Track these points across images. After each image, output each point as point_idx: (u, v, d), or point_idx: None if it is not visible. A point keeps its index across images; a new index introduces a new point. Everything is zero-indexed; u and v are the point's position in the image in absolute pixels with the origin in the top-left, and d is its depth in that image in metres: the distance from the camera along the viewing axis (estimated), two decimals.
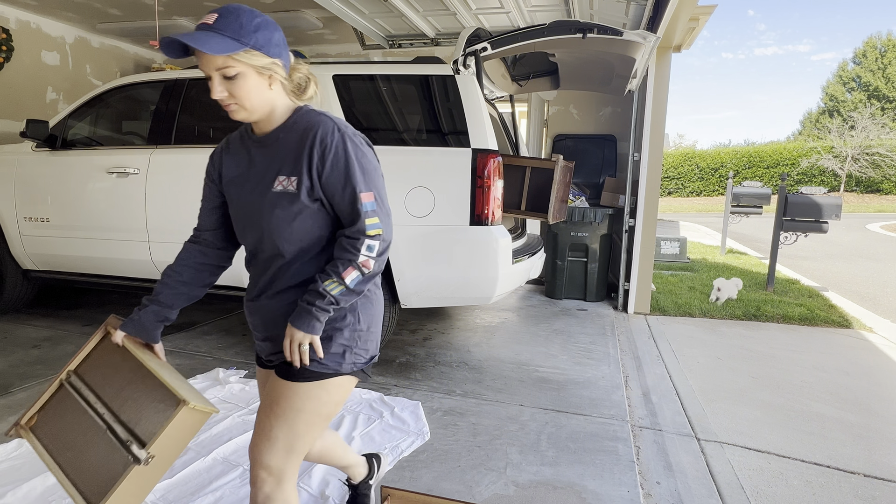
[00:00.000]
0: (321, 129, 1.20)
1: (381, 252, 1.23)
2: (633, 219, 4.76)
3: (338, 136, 1.20)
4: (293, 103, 1.27)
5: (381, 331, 1.40)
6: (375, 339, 1.36)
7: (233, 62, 1.13)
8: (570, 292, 5.16)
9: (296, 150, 1.21)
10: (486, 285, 3.02)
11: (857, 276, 7.41)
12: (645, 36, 2.98)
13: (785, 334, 4.34)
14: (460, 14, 3.90)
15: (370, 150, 1.27)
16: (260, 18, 1.16)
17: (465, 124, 2.99)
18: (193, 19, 5.38)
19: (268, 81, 1.19)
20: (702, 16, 4.57)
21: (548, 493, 2.01)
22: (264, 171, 1.25)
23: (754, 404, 2.95)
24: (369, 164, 1.23)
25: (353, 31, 4.70)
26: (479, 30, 3.37)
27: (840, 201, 5.74)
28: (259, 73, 1.17)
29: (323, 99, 3.17)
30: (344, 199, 1.21)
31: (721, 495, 2.07)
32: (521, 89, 4.49)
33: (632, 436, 2.50)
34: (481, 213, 2.95)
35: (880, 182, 22.35)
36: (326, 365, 1.26)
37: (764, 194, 8.12)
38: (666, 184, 24.58)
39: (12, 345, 3.50)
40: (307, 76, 1.27)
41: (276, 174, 1.22)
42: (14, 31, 5.24)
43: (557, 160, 3.21)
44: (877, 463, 2.38)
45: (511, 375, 3.19)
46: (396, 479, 2.08)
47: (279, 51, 1.18)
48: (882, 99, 27.66)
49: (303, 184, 1.20)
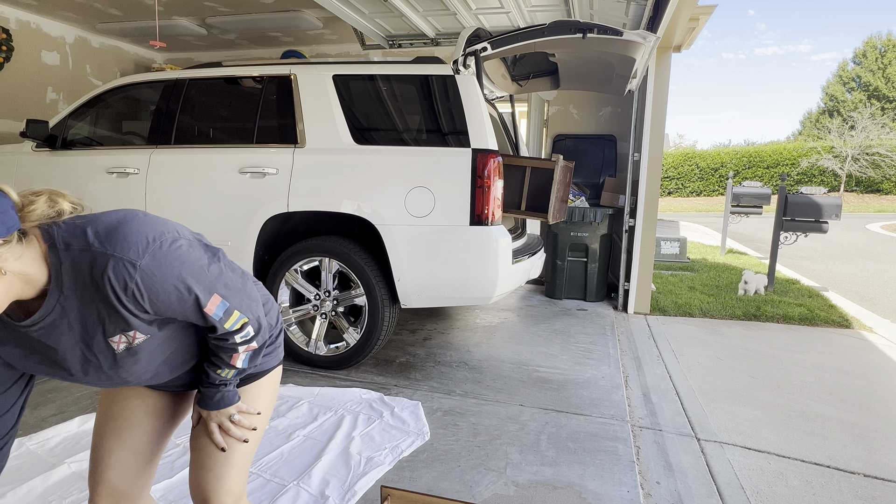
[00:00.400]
0: (112, 275, 0.91)
1: (258, 330, 1.12)
2: (633, 219, 4.76)
3: (136, 274, 0.92)
4: (42, 250, 0.92)
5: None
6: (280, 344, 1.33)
7: None
8: (570, 292, 5.16)
9: (105, 306, 0.95)
10: (486, 285, 3.02)
11: (857, 276, 7.41)
12: (645, 36, 2.98)
13: (785, 334, 4.34)
14: (460, 14, 3.90)
15: (179, 245, 0.98)
16: None
17: (465, 124, 2.99)
18: (193, 19, 5.38)
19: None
20: (702, 16, 4.57)
21: (548, 493, 2.01)
22: (74, 344, 0.99)
23: (754, 404, 2.95)
24: (191, 267, 0.98)
25: (353, 31, 4.70)
26: (479, 30, 3.37)
27: (840, 201, 5.74)
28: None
29: (323, 99, 3.17)
30: (190, 316, 1.03)
31: (721, 495, 2.07)
32: (521, 89, 4.49)
33: (632, 436, 2.50)
34: (481, 213, 2.95)
35: (880, 182, 22.35)
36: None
37: (764, 194, 8.12)
38: (666, 184, 24.58)
39: None
40: (36, 207, 0.94)
41: (106, 337, 0.99)
42: (14, 31, 5.24)
43: (557, 160, 3.21)
44: (877, 463, 2.38)
45: (511, 375, 3.19)
46: (396, 479, 2.08)
47: None
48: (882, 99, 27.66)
49: (142, 327, 1.01)
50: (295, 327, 3.28)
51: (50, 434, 2.31)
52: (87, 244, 0.92)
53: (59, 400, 2.70)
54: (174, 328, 1.08)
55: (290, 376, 3.11)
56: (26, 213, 0.92)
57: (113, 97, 3.68)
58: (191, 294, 0.98)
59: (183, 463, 2.11)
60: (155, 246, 0.94)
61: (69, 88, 5.85)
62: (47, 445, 2.22)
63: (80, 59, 5.94)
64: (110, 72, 6.30)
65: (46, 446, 2.22)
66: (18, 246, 0.88)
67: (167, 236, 0.97)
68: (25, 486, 1.93)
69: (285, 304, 3.27)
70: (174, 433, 2.37)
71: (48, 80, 5.64)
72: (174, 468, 2.08)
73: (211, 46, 6.37)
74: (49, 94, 5.66)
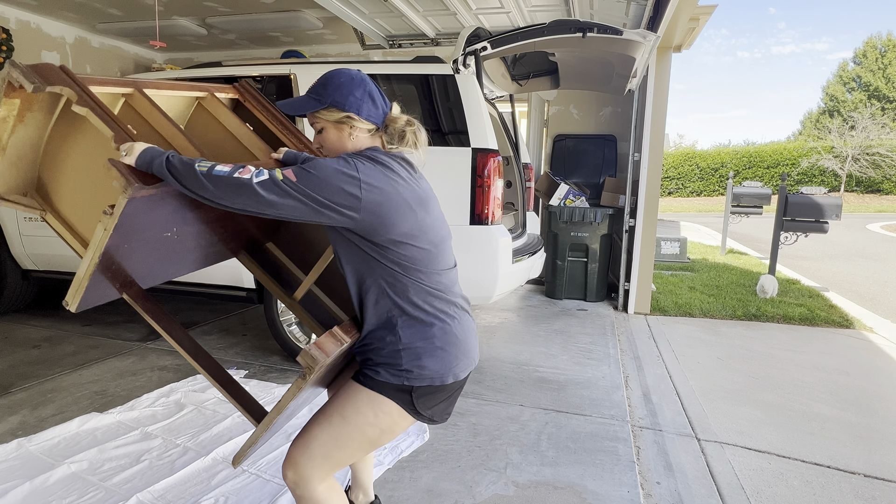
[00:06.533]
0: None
1: (229, 183, 1.20)
2: (633, 219, 4.76)
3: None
4: (374, 146, 1.37)
5: (446, 362, 1.31)
6: (425, 364, 1.29)
7: (315, 119, 1.36)
8: (571, 292, 5.15)
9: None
10: (486, 285, 3.02)
11: (857, 277, 7.41)
12: (645, 35, 2.98)
13: (785, 334, 4.34)
14: (460, 14, 3.90)
15: (347, 165, 1.23)
16: (344, 77, 1.33)
17: (465, 124, 2.99)
18: (193, 19, 5.38)
19: (348, 132, 1.34)
20: (702, 16, 4.58)
21: (548, 493, 2.01)
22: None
23: (754, 404, 2.95)
24: (324, 170, 1.21)
25: (353, 31, 4.69)
26: (479, 29, 3.37)
27: (840, 201, 5.73)
28: (336, 126, 1.34)
29: None
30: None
31: (721, 495, 2.07)
32: (521, 89, 4.49)
33: (632, 436, 2.50)
34: (481, 212, 2.95)
35: (880, 182, 22.34)
36: (367, 374, 1.33)
37: (764, 194, 8.11)
38: (666, 184, 24.57)
39: (12, 345, 3.50)
40: (403, 128, 1.36)
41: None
42: (14, 31, 5.23)
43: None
44: (877, 463, 2.38)
45: (511, 375, 3.19)
46: (396, 478, 2.08)
47: (357, 105, 1.32)
48: (882, 99, 27.63)
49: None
50: (295, 327, 3.28)
51: (50, 434, 2.31)
52: (364, 150, 1.37)
53: (59, 400, 2.70)
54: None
55: (290, 376, 3.10)
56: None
57: None
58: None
59: (183, 463, 2.11)
60: (356, 158, 1.30)
61: None
62: (47, 445, 2.22)
63: (80, 59, 5.94)
64: (110, 72, 6.30)
65: (46, 446, 2.22)
66: (376, 132, 1.39)
67: (358, 162, 1.31)
68: (26, 485, 1.92)
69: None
70: (176, 433, 2.37)
71: None
72: (174, 468, 2.08)
73: (211, 46, 6.37)
74: None
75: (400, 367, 1.29)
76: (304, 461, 1.31)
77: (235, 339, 3.77)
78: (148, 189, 1.25)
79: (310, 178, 1.20)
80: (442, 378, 1.31)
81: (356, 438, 1.32)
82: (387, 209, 1.23)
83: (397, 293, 1.29)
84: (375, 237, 1.25)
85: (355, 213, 1.21)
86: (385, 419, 1.32)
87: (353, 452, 1.34)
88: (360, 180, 1.21)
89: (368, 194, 1.21)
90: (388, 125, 1.37)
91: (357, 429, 1.31)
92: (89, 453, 2.16)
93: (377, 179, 1.24)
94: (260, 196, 1.19)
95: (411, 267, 1.28)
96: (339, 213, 1.21)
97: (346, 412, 1.32)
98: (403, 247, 1.27)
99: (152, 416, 2.53)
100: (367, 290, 1.31)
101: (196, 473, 2.05)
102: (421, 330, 1.29)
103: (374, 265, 1.28)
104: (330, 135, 1.36)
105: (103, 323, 4.04)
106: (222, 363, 3.27)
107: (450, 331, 1.32)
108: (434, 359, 1.30)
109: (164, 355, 3.38)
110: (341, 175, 1.21)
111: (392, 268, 1.28)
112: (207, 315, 4.35)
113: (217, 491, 1.94)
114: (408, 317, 1.29)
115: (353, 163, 1.23)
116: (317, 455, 1.31)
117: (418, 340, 1.29)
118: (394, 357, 1.29)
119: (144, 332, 3.83)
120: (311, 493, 1.31)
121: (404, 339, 1.28)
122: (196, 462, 2.12)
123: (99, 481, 1.98)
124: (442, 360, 1.30)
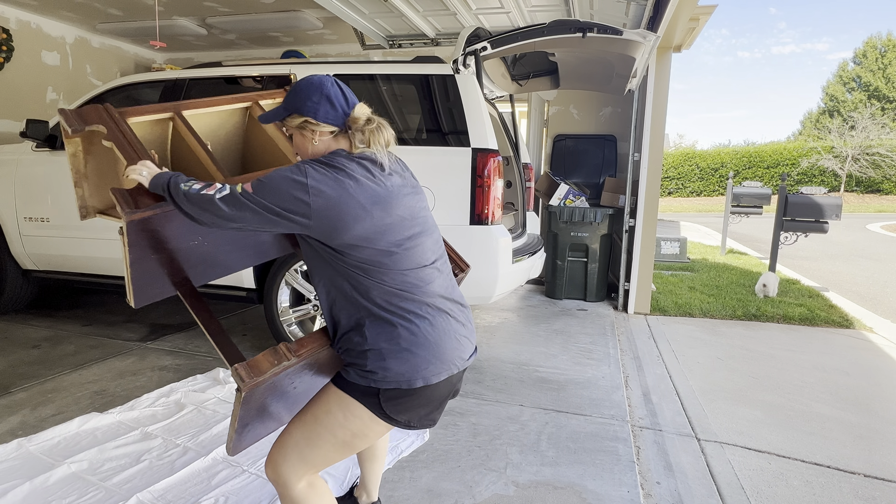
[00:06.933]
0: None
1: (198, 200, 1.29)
2: (633, 219, 4.76)
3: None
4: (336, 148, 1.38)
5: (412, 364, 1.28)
6: (389, 365, 1.27)
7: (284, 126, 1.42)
8: (571, 292, 5.15)
9: None
10: (485, 285, 3.02)
11: (857, 277, 7.41)
12: (645, 35, 2.98)
13: (785, 334, 4.34)
14: (460, 14, 3.90)
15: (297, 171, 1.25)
16: (303, 83, 1.37)
17: (465, 124, 2.99)
18: (193, 19, 5.38)
19: (310, 136, 1.36)
20: (702, 16, 4.57)
21: (548, 493, 2.01)
22: None
23: (754, 404, 2.95)
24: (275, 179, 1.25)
25: (353, 31, 4.70)
26: (479, 29, 3.37)
27: (840, 201, 5.74)
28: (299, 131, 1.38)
29: None
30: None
31: (721, 495, 2.07)
32: (521, 89, 4.48)
33: (632, 436, 2.50)
34: (481, 212, 2.95)
35: (880, 182, 22.33)
36: (340, 375, 1.34)
37: (764, 194, 8.11)
38: (666, 184, 24.57)
39: (12, 345, 3.50)
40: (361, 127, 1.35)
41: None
42: (14, 31, 5.24)
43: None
44: (877, 463, 2.38)
45: (511, 375, 3.19)
46: (396, 478, 2.08)
47: (314, 108, 1.33)
48: (882, 99, 27.63)
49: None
50: (295, 327, 3.28)
51: (50, 434, 2.31)
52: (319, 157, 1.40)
53: (59, 400, 2.70)
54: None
55: None
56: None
57: (113, 97, 3.68)
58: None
59: (183, 463, 2.11)
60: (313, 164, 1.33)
61: (69, 88, 5.85)
62: (47, 445, 2.22)
63: (80, 59, 5.94)
64: (110, 72, 6.30)
65: (46, 446, 2.22)
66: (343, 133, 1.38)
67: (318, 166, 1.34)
68: (26, 485, 1.92)
69: (285, 304, 3.26)
70: (176, 433, 2.37)
71: (48, 80, 5.64)
72: (174, 468, 2.08)
73: (211, 46, 6.38)
74: (49, 94, 5.66)
75: (365, 368, 1.28)
76: (280, 460, 1.33)
77: (235, 339, 3.77)
78: (142, 212, 1.38)
79: (263, 188, 1.24)
80: (409, 381, 1.27)
81: (327, 440, 1.31)
82: (337, 213, 1.23)
83: (361, 295, 1.28)
84: (332, 242, 1.26)
85: (307, 219, 1.23)
86: (355, 422, 1.30)
87: (326, 454, 1.33)
88: (308, 185, 1.22)
89: (317, 199, 1.22)
90: (350, 126, 1.35)
91: (328, 430, 1.31)
92: (89, 453, 2.16)
93: (326, 184, 1.23)
94: (221, 211, 1.26)
95: (373, 269, 1.27)
96: (291, 220, 1.23)
97: (318, 412, 1.33)
98: (360, 250, 1.26)
99: (152, 416, 2.53)
100: (335, 296, 1.32)
101: (196, 473, 2.05)
102: (386, 331, 1.27)
103: (339, 269, 1.29)
104: (297, 140, 1.40)
105: (103, 323, 4.04)
106: (223, 363, 3.27)
107: (418, 332, 1.28)
108: (399, 361, 1.26)
109: (164, 355, 3.38)
110: (291, 182, 1.22)
111: (353, 271, 1.28)
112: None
113: (217, 491, 1.94)
114: (373, 318, 1.28)
115: (303, 169, 1.25)
116: (291, 454, 1.32)
117: (382, 341, 1.27)
118: (361, 358, 1.29)
119: (144, 332, 3.84)
120: (289, 492, 1.32)
121: (370, 339, 1.27)
122: (196, 462, 2.12)
123: (99, 481, 1.98)
124: (408, 363, 1.27)
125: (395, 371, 1.26)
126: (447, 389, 1.36)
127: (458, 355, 1.34)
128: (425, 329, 1.29)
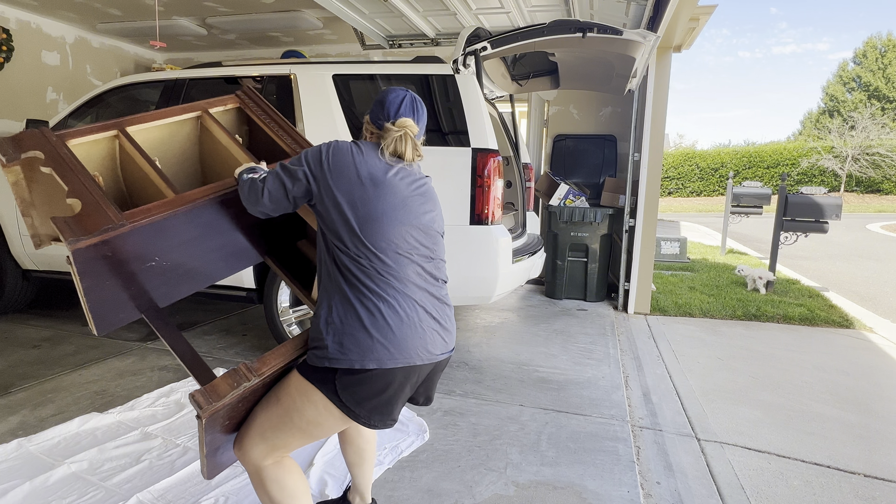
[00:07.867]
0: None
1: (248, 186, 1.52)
2: (633, 219, 4.76)
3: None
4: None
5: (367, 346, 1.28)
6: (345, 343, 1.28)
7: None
8: (571, 292, 5.15)
9: None
10: (486, 285, 3.02)
11: (857, 276, 7.41)
12: (645, 35, 2.98)
13: (785, 334, 4.34)
14: (460, 14, 3.90)
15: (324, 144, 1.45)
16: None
17: (465, 124, 2.99)
18: (193, 19, 5.38)
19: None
20: (702, 16, 4.57)
21: (548, 493, 2.01)
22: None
23: (754, 404, 2.95)
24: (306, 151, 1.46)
25: (353, 31, 4.69)
26: (479, 29, 3.37)
27: (840, 201, 5.74)
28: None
29: (323, 99, 3.17)
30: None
31: (721, 495, 2.07)
32: (521, 89, 4.48)
33: (632, 436, 2.50)
34: (481, 212, 2.95)
35: (880, 182, 22.33)
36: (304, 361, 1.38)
37: (764, 194, 8.11)
38: (666, 184, 24.57)
39: (12, 345, 3.50)
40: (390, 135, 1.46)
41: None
42: (14, 31, 5.24)
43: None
44: (877, 463, 2.38)
45: (511, 375, 3.19)
46: (396, 478, 2.08)
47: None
48: (882, 99, 27.62)
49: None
50: (295, 327, 3.28)
51: (50, 434, 2.31)
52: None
53: (59, 400, 2.70)
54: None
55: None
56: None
57: (113, 97, 3.68)
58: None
59: (183, 463, 2.11)
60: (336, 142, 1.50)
61: (69, 88, 5.85)
62: (47, 445, 2.22)
63: (80, 59, 5.94)
64: (110, 72, 6.30)
65: (46, 446, 2.22)
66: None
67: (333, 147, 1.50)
68: (26, 485, 1.92)
69: (285, 305, 3.26)
70: (176, 433, 2.37)
71: (48, 80, 5.64)
72: (174, 468, 2.08)
73: (211, 46, 6.38)
74: (49, 94, 5.66)
75: (323, 345, 1.30)
76: (245, 440, 1.37)
77: (235, 339, 3.77)
78: (87, 239, 1.34)
79: (292, 159, 1.47)
80: (361, 362, 1.27)
81: (286, 422, 1.34)
82: (336, 162, 1.39)
83: (339, 270, 1.35)
84: (324, 195, 1.38)
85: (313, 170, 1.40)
86: (311, 409, 1.32)
87: (287, 438, 1.35)
88: (325, 148, 1.43)
89: (327, 156, 1.41)
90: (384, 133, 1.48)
91: (286, 412, 1.34)
92: (89, 453, 2.16)
93: (339, 148, 1.42)
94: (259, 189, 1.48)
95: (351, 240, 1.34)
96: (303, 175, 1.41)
97: (280, 394, 1.37)
98: (339, 210, 1.35)
99: (152, 416, 2.53)
100: (324, 277, 1.40)
101: (196, 473, 2.05)
102: (349, 311, 1.31)
103: (329, 242, 1.38)
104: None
105: None
106: (222, 363, 3.27)
107: (378, 315, 1.30)
108: (353, 340, 1.28)
109: (164, 355, 3.38)
110: (315, 150, 1.44)
111: (335, 243, 1.36)
112: (207, 315, 4.35)
113: (217, 491, 1.94)
114: (342, 297, 1.33)
115: (329, 142, 1.45)
116: (255, 436, 1.37)
117: (343, 320, 1.30)
118: (319, 332, 1.32)
119: (144, 332, 3.83)
120: (255, 470, 1.37)
121: (333, 318, 1.32)
122: (196, 462, 2.12)
123: (99, 481, 1.98)
124: (362, 344, 1.28)
125: (348, 349, 1.28)
126: (403, 380, 1.33)
127: (422, 346, 1.33)
128: (386, 313, 1.31)
